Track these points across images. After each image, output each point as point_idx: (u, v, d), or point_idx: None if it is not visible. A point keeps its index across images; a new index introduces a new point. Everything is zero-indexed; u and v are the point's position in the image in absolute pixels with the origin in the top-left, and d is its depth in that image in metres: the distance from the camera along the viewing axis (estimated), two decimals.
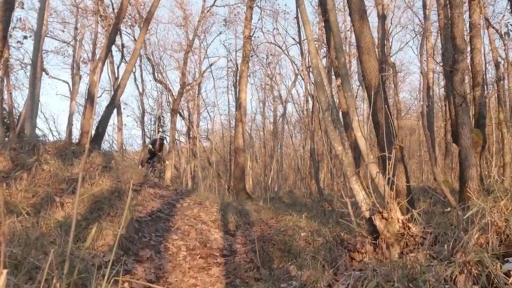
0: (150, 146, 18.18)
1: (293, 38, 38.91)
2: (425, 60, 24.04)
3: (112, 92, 26.80)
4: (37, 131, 14.51)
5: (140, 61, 36.20)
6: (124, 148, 36.92)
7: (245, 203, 15.53)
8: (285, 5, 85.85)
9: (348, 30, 31.03)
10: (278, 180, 31.26)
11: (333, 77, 21.37)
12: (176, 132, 34.31)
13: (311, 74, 23.40)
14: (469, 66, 13.89)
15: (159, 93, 41.01)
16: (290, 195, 28.60)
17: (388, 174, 5.78)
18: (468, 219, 4.41)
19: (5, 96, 17.87)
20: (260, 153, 45.49)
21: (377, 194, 5.86)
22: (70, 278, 3.90)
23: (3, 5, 11.34)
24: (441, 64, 15.49)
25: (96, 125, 16.27)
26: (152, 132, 39.56)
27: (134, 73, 35.78)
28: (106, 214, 8.59)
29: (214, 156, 36.83)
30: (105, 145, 23.84)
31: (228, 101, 57.61)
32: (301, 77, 33.32)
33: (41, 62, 23.04)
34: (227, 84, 41.01)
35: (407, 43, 55.25)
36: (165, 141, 21.20)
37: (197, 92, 37.63)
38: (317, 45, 25.19)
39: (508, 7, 13.26)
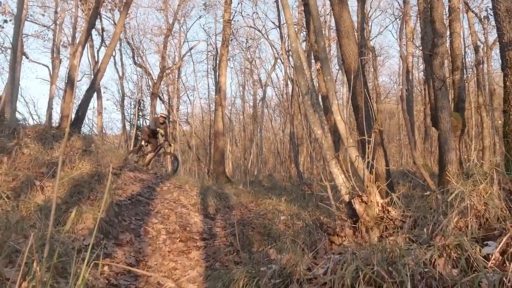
0: (155, 127, 17.83)
1: (273, 22, 39.07)
2: (404, 44, 24.11)
3: (92, 76, 26.75)
4: (17, 115, 14.42)
5: (120, 45, 36.16)
6: (104, 131, 36.86)
7: (225, 187, 15.58)
8: None
9: (327, 14, 31.04)
10: (257, 163, 31.37)
11: (313, 61, 21.43)
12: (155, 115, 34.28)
13: (290, 58, 23.44)
14: (449, 50, 13.98)
15: (139, 77, 40.90)
16: (269, 179, 28.66)
17: (368, 158, 5.80)
18: (447, 203, 4.44)
19: None
20: (239, 137, 45.55)
21: (357, 178, 5.88)
22: (50, 262, 3.88)
23: None
24: (421, 48, 15.54)
25: (76, 109, 16.25)
26: (132, 116, 39.42)
27: (114, 57, 35.74)
28: (86, 197, 8.56)
29: (194, 140, 36.77)
30: (85, 129, 23.68)
31: (208, 85, 57.71)
32: (281, 61, 33.37)
33: (21, 46, 22.88)
34: (207, 68, 41.15)
35: (386, 27, 55.76)
36: (167, 120, 20.94)
37: (176, 76, 37.61)
38: (296, 29, 25.21)
39: None
